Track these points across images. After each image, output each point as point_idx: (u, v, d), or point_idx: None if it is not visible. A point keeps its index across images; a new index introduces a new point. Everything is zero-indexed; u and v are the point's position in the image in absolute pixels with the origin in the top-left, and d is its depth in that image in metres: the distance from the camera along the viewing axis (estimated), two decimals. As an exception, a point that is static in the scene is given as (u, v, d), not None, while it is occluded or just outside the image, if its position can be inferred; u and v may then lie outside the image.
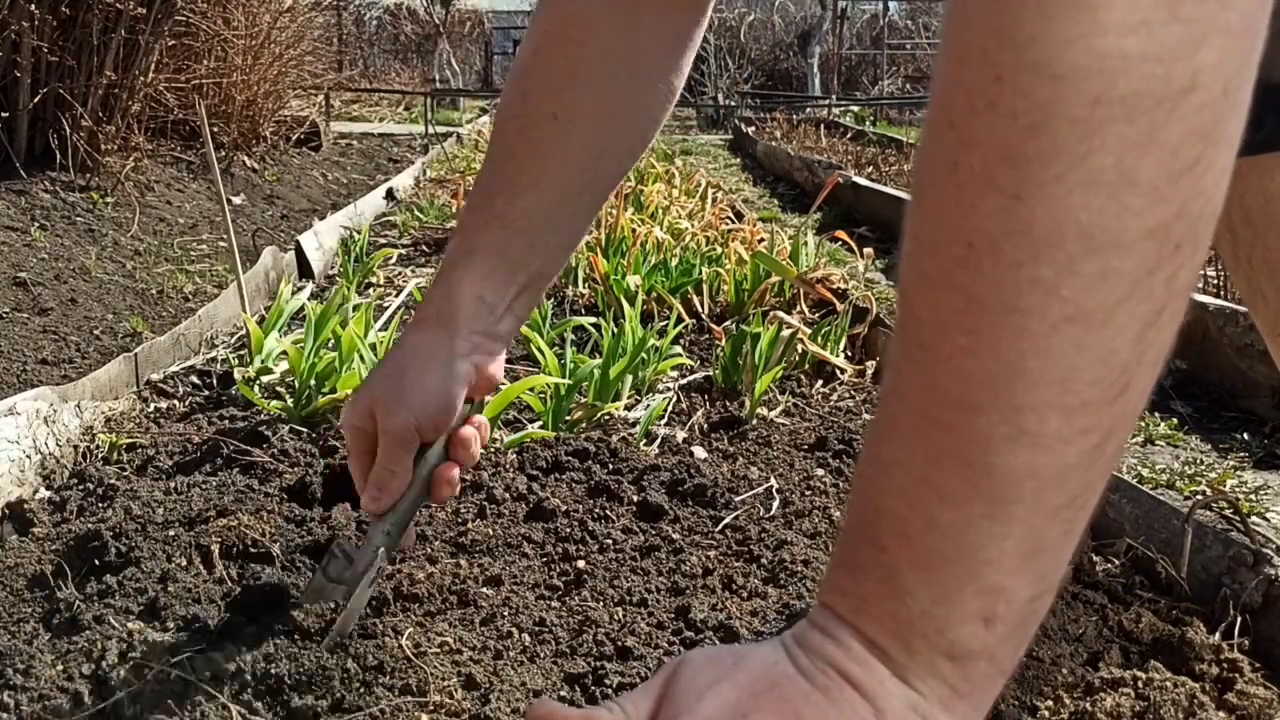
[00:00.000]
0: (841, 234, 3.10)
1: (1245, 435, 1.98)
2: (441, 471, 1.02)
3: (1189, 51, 0.44)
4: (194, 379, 2.10)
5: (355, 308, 2.31)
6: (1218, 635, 1.14)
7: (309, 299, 2.54)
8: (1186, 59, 0.44)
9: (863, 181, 4.95)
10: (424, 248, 3.84)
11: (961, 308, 0.48)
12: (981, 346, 0.47)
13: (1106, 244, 0.45)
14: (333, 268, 3.48)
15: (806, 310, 2.64)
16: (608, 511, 1.42)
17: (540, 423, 1.83)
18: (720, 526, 1.41)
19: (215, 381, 2.09)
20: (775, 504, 1.49)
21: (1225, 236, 0.87)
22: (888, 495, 0.51)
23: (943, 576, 0.50)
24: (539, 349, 1.95)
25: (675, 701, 0.55)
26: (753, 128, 9.42)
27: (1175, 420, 2.04)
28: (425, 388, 0.98)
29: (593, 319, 2.48)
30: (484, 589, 1.22)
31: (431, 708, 0.99)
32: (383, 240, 3.94)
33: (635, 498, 1.47)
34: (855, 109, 12.75)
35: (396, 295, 2.92)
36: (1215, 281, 2.86)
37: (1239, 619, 1.16)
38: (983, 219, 0.46)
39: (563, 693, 1.04)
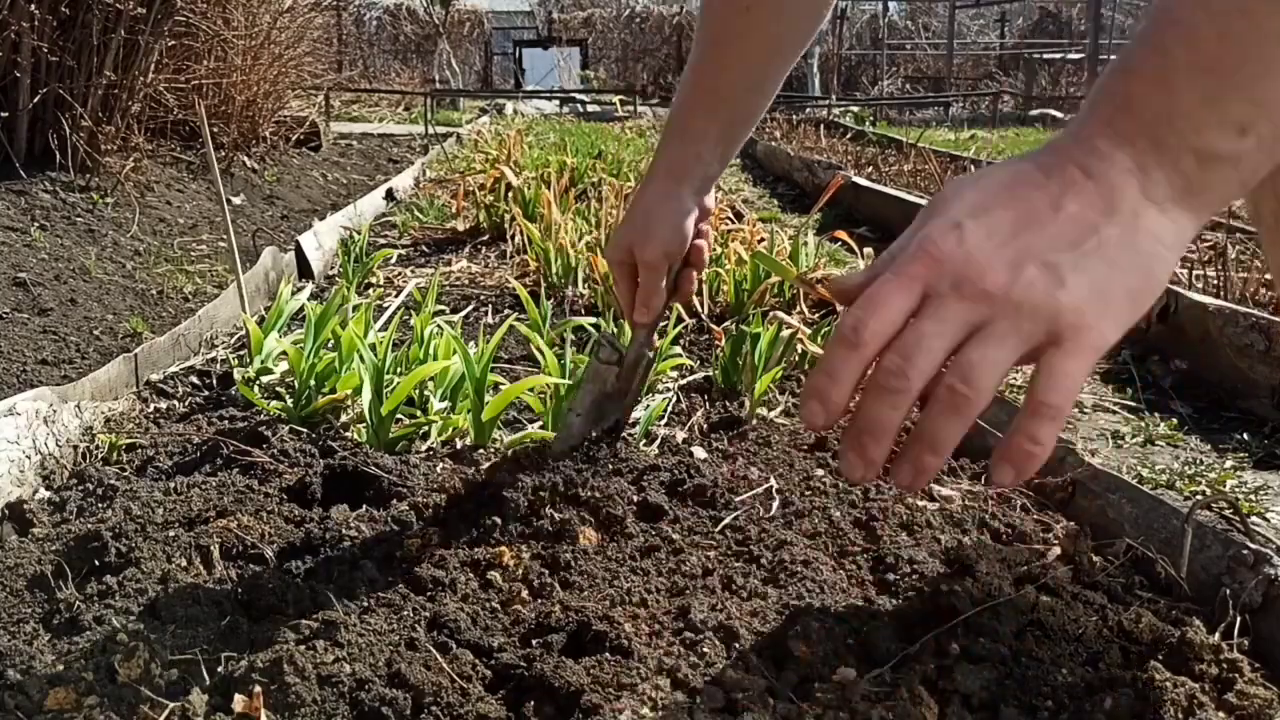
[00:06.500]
0: (841, 234, 3.10)
1: (1245, 435, 1.97)
2: (685, 275, 1.37)
3: None
4: (194, 379, 2.10)
5: (355, 308, 2.31)
6: (1218, 635, 1.14)
7: (309, 299, 2.55)
8: None
9: (863, 182, 4.95)
10: (424, 248, 3.84)
11: None
12: None
13: None
14: (332, 268, 3.48)
15: (806, 310, 2.64)
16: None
17: (540, 423, 1.83)
18: (720, 526, 1.40)
19: (215, 382, 2.09)
20: (775, 504, 1.49)
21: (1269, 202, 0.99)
22: (1185, 5, 0.57)
23: (1219, 80, 0.56)
24: (539, 349, 1.95)
25: (931, 209, 0.63)
26: (752, 128, 9.40)
27: (1175, 421, 2.04)
28: (668, 225, 1.30)
29: (592, 319, 2.49)
30: (484, 589, 1.22)
31: (431, 708, 0.99)
32: (382, 240, 3.94)
33: (635, 498, 1.47)
34: (855, 109, 12.74)
35: (396, 295, 2.92)
36: (1215, 282, 2.86)
37: (1239, 619, 1.16)
38: None
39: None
